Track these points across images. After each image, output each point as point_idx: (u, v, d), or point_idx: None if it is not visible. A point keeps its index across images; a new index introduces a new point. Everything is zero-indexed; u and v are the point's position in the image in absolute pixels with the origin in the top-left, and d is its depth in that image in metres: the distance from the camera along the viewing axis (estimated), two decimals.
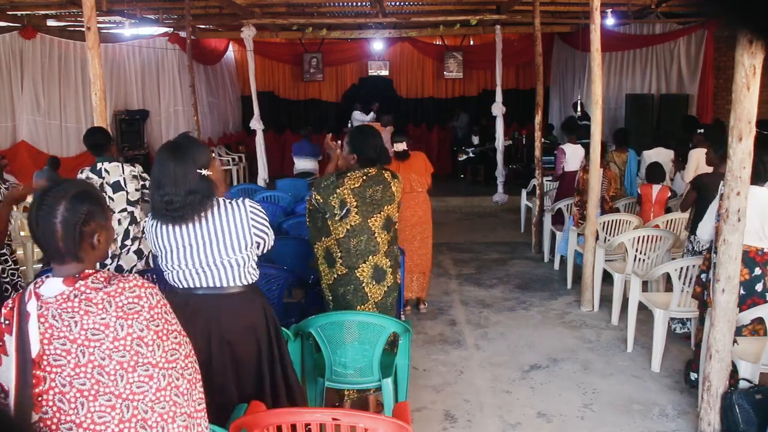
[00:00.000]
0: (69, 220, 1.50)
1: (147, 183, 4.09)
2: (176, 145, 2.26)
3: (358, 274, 3.07)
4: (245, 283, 2.36)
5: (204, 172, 2.24)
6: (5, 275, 3.88)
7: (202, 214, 2.25)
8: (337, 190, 2.98)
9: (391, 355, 3.16)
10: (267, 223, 2.42)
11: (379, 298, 3.12)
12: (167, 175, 2.21)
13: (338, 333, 2.94)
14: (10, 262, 4.01)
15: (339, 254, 3.07)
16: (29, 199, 4.46)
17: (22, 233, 6.75)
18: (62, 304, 1.47)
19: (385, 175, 3.09)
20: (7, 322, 1.50)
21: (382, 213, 3.05)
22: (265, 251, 2.49)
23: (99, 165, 4.01)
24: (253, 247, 2.36)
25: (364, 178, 3.01)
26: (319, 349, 3.01)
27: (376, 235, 3.05)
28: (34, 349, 1.46)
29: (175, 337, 1.56)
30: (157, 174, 2.25)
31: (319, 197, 3.03)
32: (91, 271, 1.53)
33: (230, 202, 2.32)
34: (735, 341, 3.24)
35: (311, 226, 3.19)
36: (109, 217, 1.63)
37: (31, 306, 1.48)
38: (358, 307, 3.11)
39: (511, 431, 3.33)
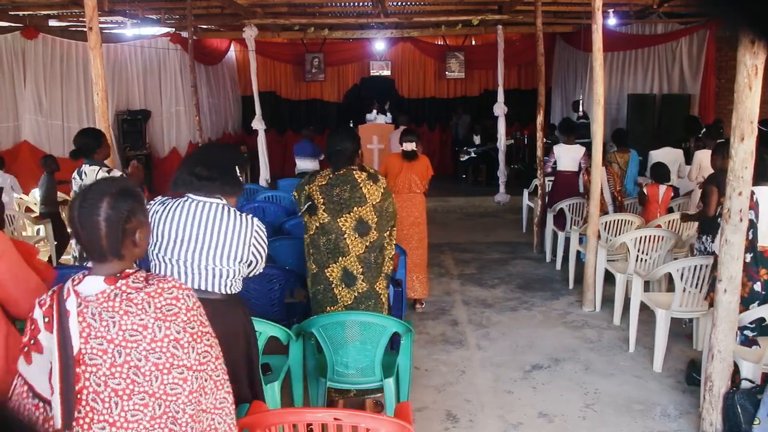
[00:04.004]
0: (113, 217, 1.48)
1: None
2: (224, 144, 2.42)
3: (327, 274, 3.10)
4: (227, 293, 2.36)
5: (238, 170, 2.37)
6: None
7: (206, 208, 2.29)
8: (306, 187, 3.11)
9: (393, 355, 3.16)
10: (266, 247, 2.44)
11: (349, 302, 3.11)
12: (205, 154, 2.38)
13: (340, 333, 2.94)
14: None
15: (311, 251, 3.14)
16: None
17: None
18: (103, 303, 1.46)
19: (356, 175, 3.07)
20: (46, 319, 1.47)
21: (352, 214, 3.04)
22: (253, 273, 2.49)
23: (84, 167, 4.03)
24: (245, 263, 2.37)
25: (331, 176, 3.09)
26: (321, 349, 3.01)
27: (346, 236, 3.05)
28: (75, 347, 1.45)
29: (207, 339, 1.57)
30: (195, 156, 2.38)
31: (295, 193, 3.22)
32: (131, 271, 1.53)
33: (240, 214, 2.35)
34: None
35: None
36: (147, 214, 1.63)
37: (71, 303, 1.46)
38: (328, 308, 3.12)
39: (513, 431, 3.33)
